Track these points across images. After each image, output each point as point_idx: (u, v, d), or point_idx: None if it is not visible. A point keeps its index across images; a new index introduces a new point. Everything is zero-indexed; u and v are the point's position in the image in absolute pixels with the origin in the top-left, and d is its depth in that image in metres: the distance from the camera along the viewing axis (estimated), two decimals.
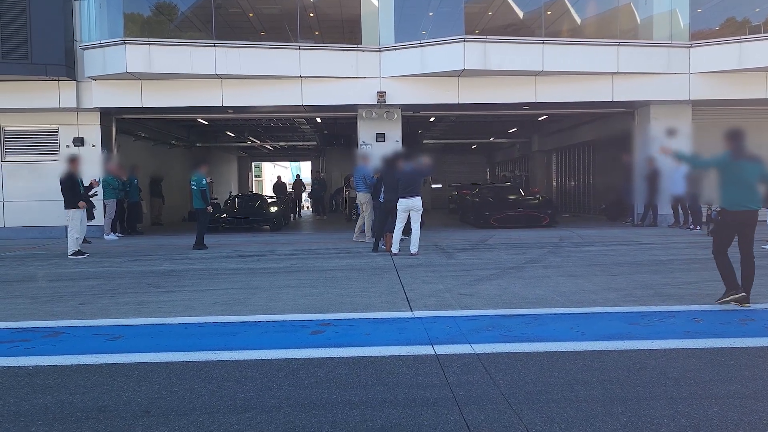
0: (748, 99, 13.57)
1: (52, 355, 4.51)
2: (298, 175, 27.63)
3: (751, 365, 4.01)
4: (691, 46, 13.39)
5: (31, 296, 6.89)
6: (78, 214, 10.08)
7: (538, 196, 16.91)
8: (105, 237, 13.14)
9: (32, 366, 4.24)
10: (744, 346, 4.43)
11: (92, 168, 11.98)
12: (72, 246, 10.11)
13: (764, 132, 13.95)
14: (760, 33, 13.42)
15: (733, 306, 5.64)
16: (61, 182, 10.10)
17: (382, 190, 10.43)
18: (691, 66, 13.37)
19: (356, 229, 12.25)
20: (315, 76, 13.10)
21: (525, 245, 10.77)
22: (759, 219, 5.70)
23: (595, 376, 3.82)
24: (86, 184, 10.48)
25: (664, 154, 6.48)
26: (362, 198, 11.89)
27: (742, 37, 13.24)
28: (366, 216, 11.90)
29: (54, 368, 4.18)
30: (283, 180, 25.75)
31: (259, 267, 8.90)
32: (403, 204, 9.68)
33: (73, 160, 10.32)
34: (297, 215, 22.98)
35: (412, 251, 9.65)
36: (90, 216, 10.86)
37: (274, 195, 22.35)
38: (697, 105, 14.06)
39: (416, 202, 9.67)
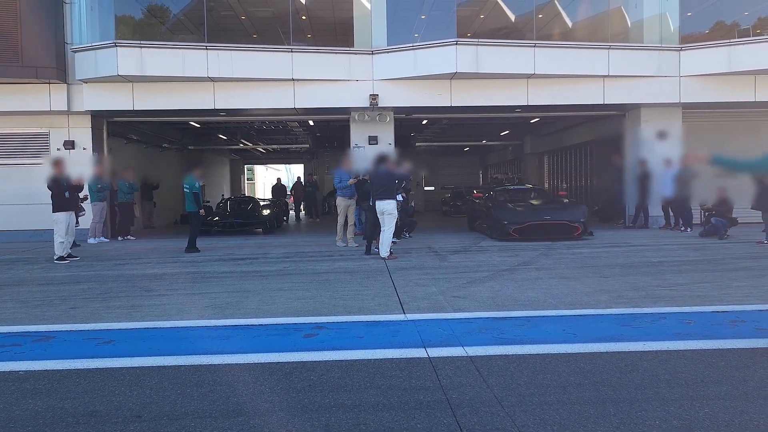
0: (738, 102, 13.68)
1: (42, 359, 4.48)
2: (299, 177, 27.35)
3: (741, 366, 4.04)
4: (681, 50, 13.49)
5: (22, 300, 6.84)
6: (63, 218, 9.95)
7: (565, 200, 14.32)
8: (88, 241, 12.86)
9: (23, 371, 4.20)
10: (734, 347, 4.45)
11: (84, 171, 11.83)
12: (57, 250, 10.03)
13: (753, 134, 14.17)
14: (749, 36, 13.56)
15: (723, 307, 5.67)
16: (48, 186, 10.01)
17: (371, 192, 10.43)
18: (681, 69, 13.46)
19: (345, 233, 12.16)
20: (307, 78, 13.09)
21: (517, 248, 10.79)
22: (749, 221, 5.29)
23: (587, 378, 3.84)
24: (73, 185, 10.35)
25: (698, 162, 5.46)
26: (338, 201, 11.76)
27: (732, 40, 13.37)
28: (338, 218, 11.78)
29: (45, 373, 4.14)
30: (282, 183, 25.59)
31: (252, 270, 8.88)
32: (376, 206, 9.75)
33: (57, 164, 10.17)
34: (296, 217, 22.87)
35: (381, 254, 9.59)
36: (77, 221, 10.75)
37: (272, 197, 22.26)
38: (688, 108, 14.17)
39: (386, 205, 9.61)
